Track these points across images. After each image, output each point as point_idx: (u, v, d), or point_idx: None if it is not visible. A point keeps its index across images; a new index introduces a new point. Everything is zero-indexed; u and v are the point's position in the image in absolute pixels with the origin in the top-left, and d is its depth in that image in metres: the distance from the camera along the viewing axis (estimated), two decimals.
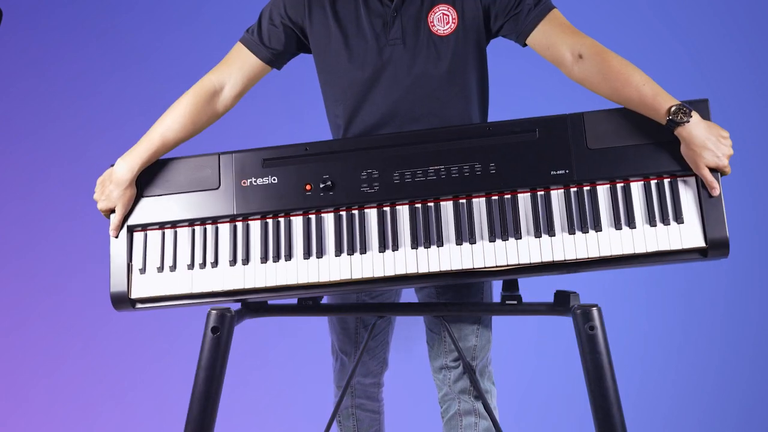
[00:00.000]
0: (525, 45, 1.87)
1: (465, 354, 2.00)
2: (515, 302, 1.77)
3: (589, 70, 1.71)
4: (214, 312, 1.67)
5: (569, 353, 1.94)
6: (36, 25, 3.47)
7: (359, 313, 2.03)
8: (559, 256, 1.63)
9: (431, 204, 1.70)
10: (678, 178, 1.65)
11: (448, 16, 1.81)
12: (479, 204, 1.69)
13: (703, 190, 1.62)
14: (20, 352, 3.12)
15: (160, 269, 1.76)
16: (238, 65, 1.92)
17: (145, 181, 1.82)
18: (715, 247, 1.60)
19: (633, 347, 2.96)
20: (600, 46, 1.73)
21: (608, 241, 1.63)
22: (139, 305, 1.76)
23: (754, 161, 3.14)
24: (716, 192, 1.61)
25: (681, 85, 3.20)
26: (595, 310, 1.59)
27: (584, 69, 1.73)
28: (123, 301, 1.75)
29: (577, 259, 1.62)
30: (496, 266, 1.64)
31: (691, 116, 1.58)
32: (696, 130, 1.58)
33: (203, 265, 1.74)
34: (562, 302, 1.73)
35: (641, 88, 1.63)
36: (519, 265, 1.63)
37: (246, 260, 1.73)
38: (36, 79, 3.42)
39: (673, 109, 1.58)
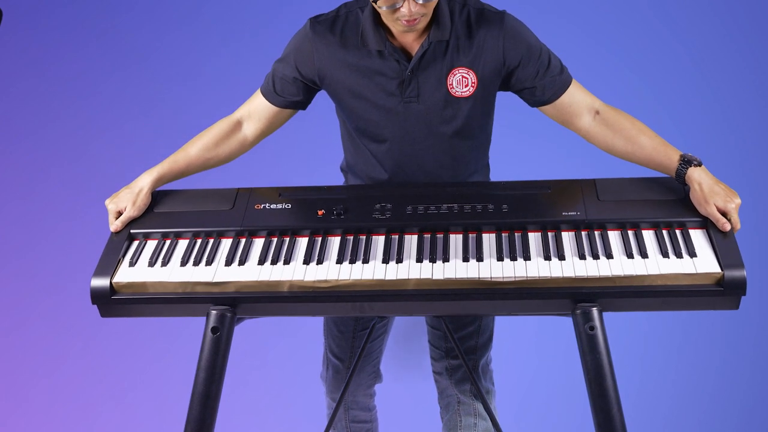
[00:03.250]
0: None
1: (465, 354, 2.00)
2: None
3: (605, 122, 1.80)
4: (214, 312, 1.66)
5: (569, 353, 1.94)
6: (36, 25, 3.47)
7: (359, 313, 2.02)
8: (568, 273, 1.60)
9: (440, 235, 1.71)
10: (689, 229, 1.67)
11: (467, 79, 1.80)
12: (489, 238, 1.71)
13: (713, 230, 1.64)
14: (20, 352, 3.11)
15: (151, 265, 1.71)
16: (260, 109, 1.91)
17: (161, 203, 1.83)
18: (731, 285, 1.58)
19: (633, 347, 2.96)
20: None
21: (620, 264, 1.61)
22: (118, 295, 1.67)
23: (754, 161, 3.14)
24: (727, 227, 1.63)
25: (681, 85, 3.21)
26: (595, 310, 1.59)
27: (601, 122, 1.80)
28: (103, 294, 1.66)
29: (588, 276, 1.60)
30: (503, 278, 1.61)
31: (701, 165, 1.69)
32: (705, 173, 1.68)
33: (197, 263, 1.70)
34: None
35: (655, 138, 1.76)
36: (526, 278, 1.60)
37: (242, 262, 1.69)
38: (36, 79, 3.42)
39: (687, 154, 1.70)
